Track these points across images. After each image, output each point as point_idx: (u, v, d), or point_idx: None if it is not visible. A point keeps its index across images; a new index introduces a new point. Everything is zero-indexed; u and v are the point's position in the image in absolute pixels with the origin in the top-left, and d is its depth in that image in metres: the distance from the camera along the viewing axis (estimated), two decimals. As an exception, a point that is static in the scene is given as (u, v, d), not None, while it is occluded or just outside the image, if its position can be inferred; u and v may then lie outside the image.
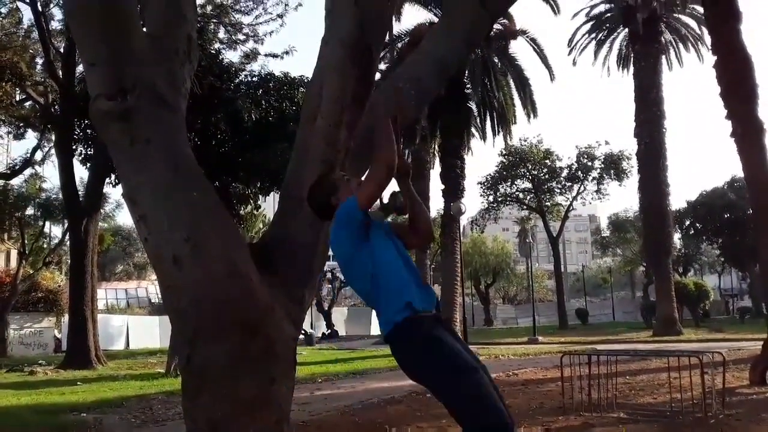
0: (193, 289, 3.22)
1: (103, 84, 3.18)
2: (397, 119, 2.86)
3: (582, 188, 33.90)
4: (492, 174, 33.97)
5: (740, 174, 11.13)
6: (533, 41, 23.35)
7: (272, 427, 3.22)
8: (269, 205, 26.24)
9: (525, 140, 33.22)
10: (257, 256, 3.43)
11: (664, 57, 25.96)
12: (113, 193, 38.64)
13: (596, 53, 28.25)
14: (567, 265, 62.79)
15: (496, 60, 22.68)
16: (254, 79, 14.84)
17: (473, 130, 23.68)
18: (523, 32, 23.06)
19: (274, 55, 16.48)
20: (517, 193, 34.81)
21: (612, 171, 32.55)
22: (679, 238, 36.67)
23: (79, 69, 15.41)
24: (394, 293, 2.69)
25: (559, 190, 34.54)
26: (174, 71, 3.40)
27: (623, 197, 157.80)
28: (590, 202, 35.58)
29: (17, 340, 23.48)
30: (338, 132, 3.53)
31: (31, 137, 22.47)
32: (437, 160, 23.70)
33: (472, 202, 54.38)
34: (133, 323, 28.29)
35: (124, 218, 47.73)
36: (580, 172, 33.30)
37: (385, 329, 2.72)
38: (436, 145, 23.68)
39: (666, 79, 32.31)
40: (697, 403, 5.84)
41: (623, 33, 27.17)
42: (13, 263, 25.11)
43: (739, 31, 10.33)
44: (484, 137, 23.86)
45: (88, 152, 15.40)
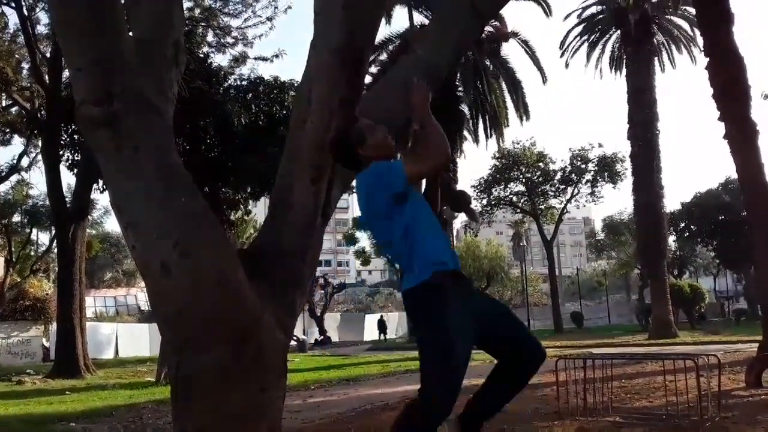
0: (182, 297, 3.16)
1: (89, 89, 3.11)
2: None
3: (576, 191, 33.90)
4: (485, 177, 33.96)
5: (734, 175, 11.14)
6: (525, 43, 23.42)
7: (263, 436, 3.16)
8: (260, 210, 26.12)
9: (518, 143, 33.27)
10: (247, 263, 3.38)
11: (656, 59, 26.04)
12: (101, 199, 38.36)
13: (589, 55, 28.27)
14: (562, 268, 62.77)
15: (488, 62, 22.72)
16: (244, 82, 14.76)
17: (466, 133, 23.69)
18: (515, 34, 23.10)
19: (264, 59, 16.20)
20: (510, 196, 34.77)
21: (606, 173, 32.57)
22: (674, 241, 36.77)
23: (66, 74, 15.27)
24: (429, 250, 2.74)
25: (552, 193, 34.52)
26: (161, 76, 3.34)
27: (617, 199, 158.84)
28: (584, 205, 35.60)
29: (5, 349, 23.26)
30: (328, 136, 3.47)
31: (18, 143, 22.36)
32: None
33: (466, 205, 54.42)
34: (123, 331, 28.08)
35: (113, 225, 47.44)
36: (573, 175, 33.29)
37: (407, 284, 2.76)
38: (429, 149, 23.61)
39: (659, 81, 32.41)
40: (693, 406, 5.81)
41: (615, 35, 27.21)
42: (0, 271, 24.90)
43: (732, 33, 10.30)
44: (477, 140, 23.89)
45: (75, 158, 15.25)
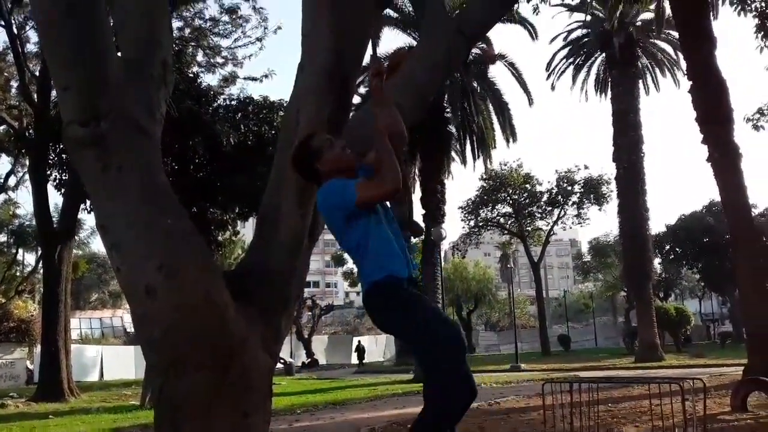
0: (167, 320, 3.11)
1: (75, 109, 3.10)
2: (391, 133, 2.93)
3: (562, 213, 34.10)
4: (473, 198, 34.10)
5: (718, 198, 11.20)
6: (512, 66, 23.68)
7: (247, 463, 3.11)
8: (248, 230, 25.99)
9: (505, 164, 33.53)
10: (232, 284, 3.35)
11: (641, 82, 26.43)
12: (88, 219, 37.97)
13: (574, 78, 28.66)
14: (549, 290, 62.97)
15: (476, 84, 22.91)
16: (233, 102, 14.80)
17: (453, 154, 23.80)
18: (502, 57, 23.37)
19: (254, 79, 16.34)
20: (498, 217, 34.90)
21: (592, 195, 32.81)
22: (660, 263, 36.92)
23: (55, 93, 15.23)
24: (383, 256, 2.86)
25: (539, 215, 34.70)
26: (149, 96, 3.33)
27: (604, 221, 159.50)
28: (571, 227, 35.84)
29: (-13, 371, 22.86)
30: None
31: (5, 162, 22.13)
32: (417, 185, 23.76)
33: (453, 226, 54.57)
34: (108, 354, 27.70)
35: (99, 245, 47.06)
36: (560, 197, 33.50)
37: (367, 283, 2.87)
38: (416, 170, 23.73)
39: (644, 104, 32.82)
40: (679, 431, 5.79)
41: (600, 57, 27.63)
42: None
43: (714, 57, 10.47)
44: (464, 161, 24.01)
45: (63, 177, 15.15)
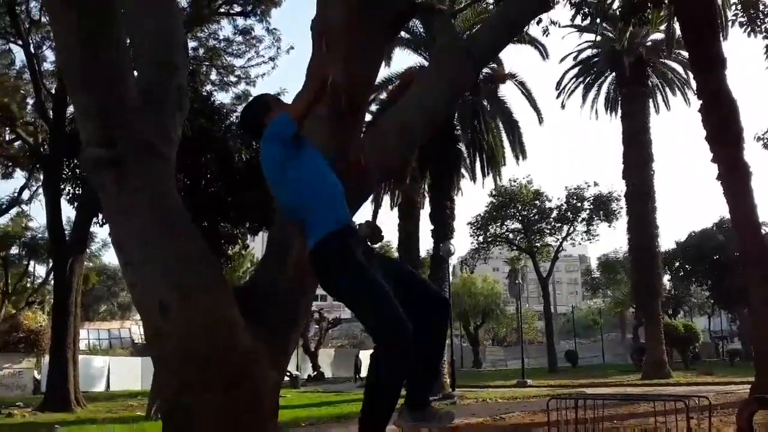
0: (179, 337, 3.18)
1: (93, 132, 3.19)
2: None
3: (572, 229, 34.11)
4: (482, 214, 34.16)
5: (729, 215, 11.18)
6: (522, 85, 23.78)
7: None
8: (257, 244, 26.13)
9: (514, 181, 33.62)
10: (242, 302, 3.41)
11: (651, 100, 26.44)
12: (100, 232, 38.35)
13: (584, 96, 28.73)
14: (557, 305, 62.57)
15: (486, 103, 23.01)
16: (245, 119, 14.96)
17: (463, 170, 23.86)
18: (512, 76, 23.47)
19: (265, 96, 16.56)
20: (507, 233, 34.90)
21: (601, 212, 32.79)
22: (669, 280, 36.75)
23: (70, 110, 15.47)
24: (325, 206, 2.80)
25: (548, 231, 34.71)
26: (165, 120, 3.43)
27: (613, 238, 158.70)
28: (580, 243, 35.75)
29: (-4, 381, 22.99)
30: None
31: (19, 176, 22.38)
32: (427, 201, 23.82)
33: (462, 241, 54.62)
34: (115, 364, 27.81)
35: (110, 257, 47.35)
36: (569, 213, 33.52)
37: (313, 239, 2.84)
38: (426, 186, 23.81)
39: (655, 120, 32.76)
40: (686, 450, 5.77)
41: (611, 77, 27.66)
42: (-5, 303, 24.73)
43: (724, 77, 10.50)
44: (473, 178, 24.09)
45: (76, 191, 15.34)
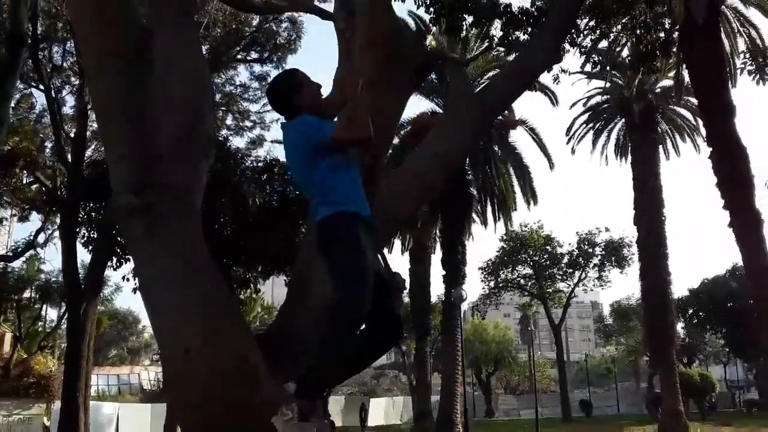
0: (203, 382, 3.21)
1: (126, 179, 3.30)
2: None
3: (583, 275, 33.71)
4: (493, 259, 33.91)
5: (742, 262, 11.10)
6: (532, 130, 23.98)
7: None
8: (268, 288, 26.10)
9: (525, 226, 33.34)
10: (264, 347, 3.44)
11: (661, 146, 26.53)
12: (113, 276, 38.47)
13: (594, 142, 28.75)
14: (570, 353, 61.68)
15: (497, 148, 23.21)
16: (259, 164, 15.13)
17: (474, 215, 23.92)
18: (523, 122, 23.71)
19: (280, 142, 16.77)
20: (518, 278, 34.62)
21: (613, 258, 32.44)
22: (683, 327, 36.14)
23: (88, 153, 15.74)
24: (345, 192, 2.86)
25: (560, 277, 34.35)
26: (193, 168, 3.54)
27: (626, 284, 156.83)
28: (592, 289, 35.34)
29: (5, 427, 22.66)
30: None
31: (34, 219, 22.59)
32: (438, 245, 23.82)
33: (473, 286, 54.17)
34: (124, 412, 27.45)
35: (122, 301, 47.48)
36: (581, 259, 33.19)
37: (323, 213, 2.85)
38: (437, 231, 23.85)
39: (666, 166, 32.86)
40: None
41: (620, 123, 27.84)
42: (7, 347, 24.65)
43: (734, 124, 10.57)
44: (485, 223, 24.06)
45: (92, 235, 15.43)
